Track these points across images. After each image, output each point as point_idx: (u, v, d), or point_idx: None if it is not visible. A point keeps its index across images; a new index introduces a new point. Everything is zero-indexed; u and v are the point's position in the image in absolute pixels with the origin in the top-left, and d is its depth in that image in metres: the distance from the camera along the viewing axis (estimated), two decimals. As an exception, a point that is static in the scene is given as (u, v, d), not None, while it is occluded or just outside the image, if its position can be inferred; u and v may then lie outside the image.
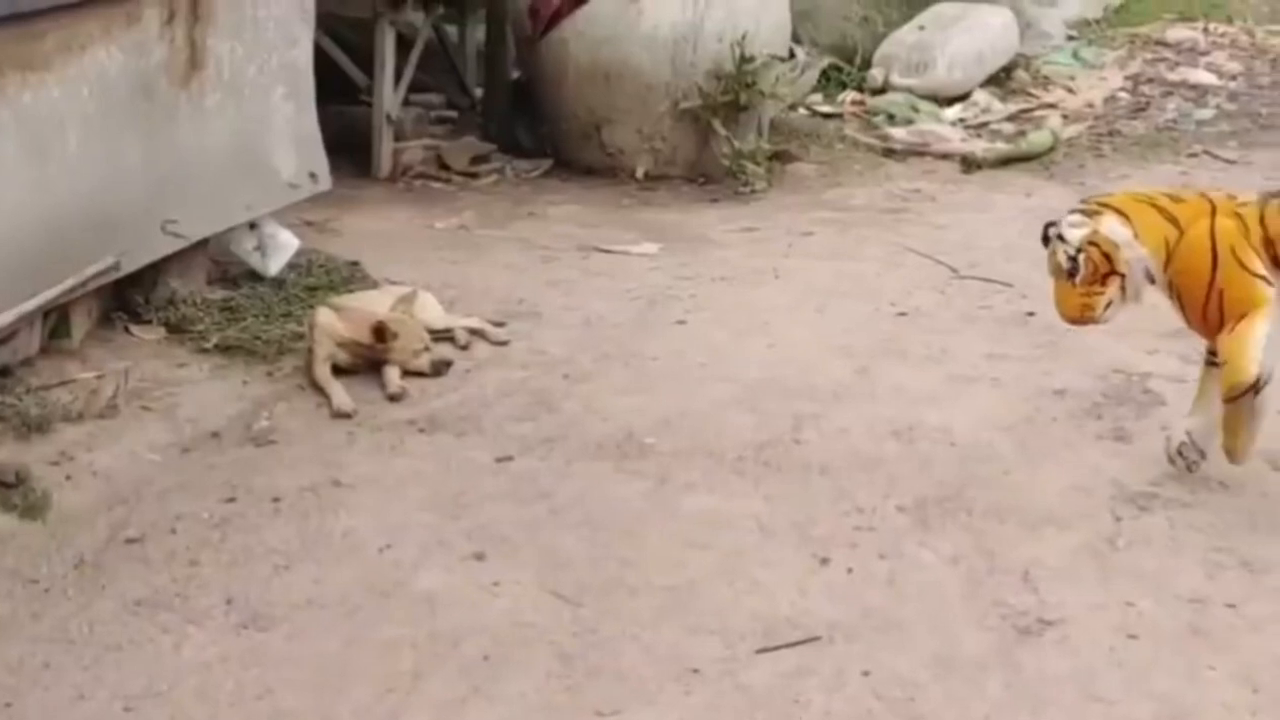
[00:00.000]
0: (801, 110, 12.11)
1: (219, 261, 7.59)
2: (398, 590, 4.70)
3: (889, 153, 11.20)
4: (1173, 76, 13.34)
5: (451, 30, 11.69)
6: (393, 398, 6.28)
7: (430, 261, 8.22)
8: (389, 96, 10.25)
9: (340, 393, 6.22)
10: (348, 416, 6.09)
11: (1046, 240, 5.57)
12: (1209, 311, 5.50)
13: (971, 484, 5.51)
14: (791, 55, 11.42)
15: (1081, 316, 5.63)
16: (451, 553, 4.96)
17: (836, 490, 5.45)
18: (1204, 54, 13.96)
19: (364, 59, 10.42)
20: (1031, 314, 7.32)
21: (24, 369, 6.11)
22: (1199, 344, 6.47)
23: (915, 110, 12.33)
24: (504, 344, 6.95)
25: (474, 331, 7.00)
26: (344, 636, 4.42)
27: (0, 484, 5.23)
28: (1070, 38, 14.24)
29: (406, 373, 6.46)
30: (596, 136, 10.43)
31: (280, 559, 4.88)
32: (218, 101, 7.06)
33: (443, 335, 6.89)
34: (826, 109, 12.44)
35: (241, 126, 7.30)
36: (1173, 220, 5.55)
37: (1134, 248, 5.48)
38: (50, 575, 4.73)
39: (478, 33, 11.74)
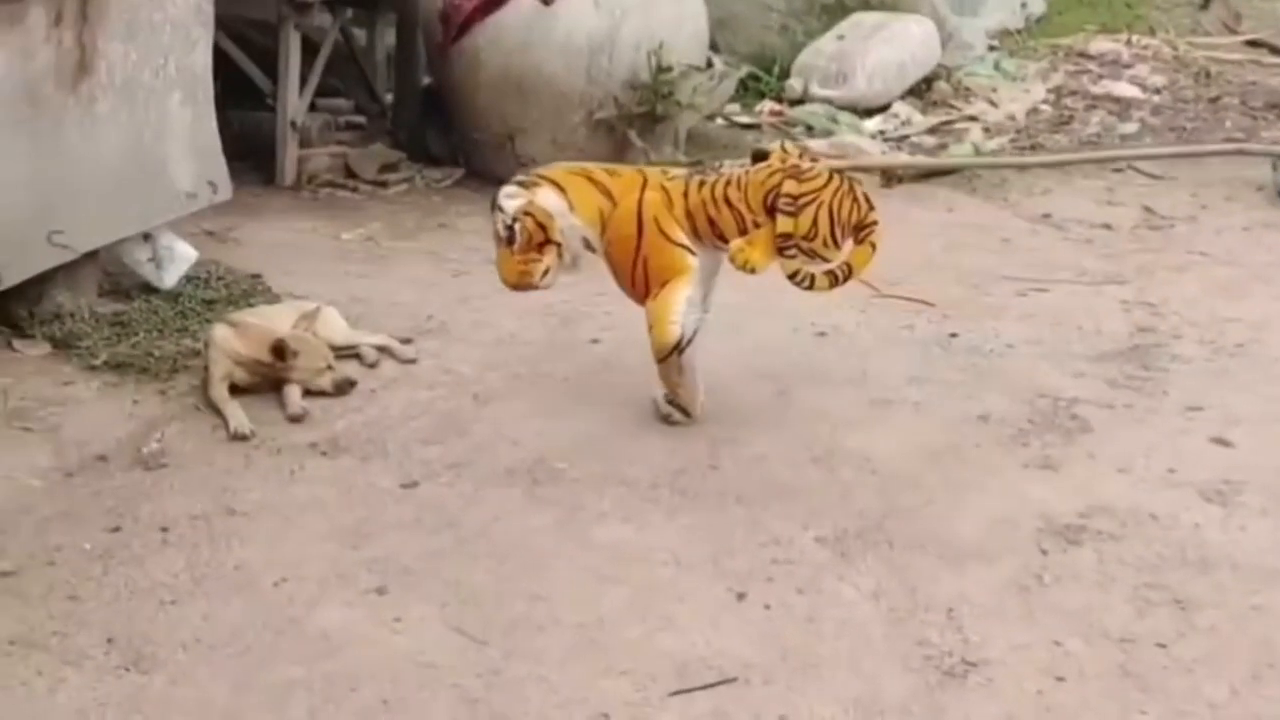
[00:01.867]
0: (719, 120, 11.94)
1: (111, 273, 7.29)
2: (292, 628, 4.42)
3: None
4: (1096, 89, 13.29)
5: (360, 34, 11.44)
6: (293, 419, 6.01)
7: (336, 274, 7.96)
8: (294, 102, 9.97)
9: (238, 414, 5.93)
10: (245, 439, 5.80)
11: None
12: (636, 278, 6.00)
13: (893, 514, 5.30)
14: (709, 65, 11.24)
15: (520, 282, 6.02)
16: (351, 586, 4.68)
17: (753, 520, 5.22)
18: (1127, 67, 13.95)
19: (268, 62, 10.12)
20: (955, 335, 7.20)
21: (-106, 385, 5.80)
22: (1127, 368, 6.38)
23: (835, 122, 12.20)
24: (412, 362, 6.70)
25: (380, 349, 6.74)
26: (233, 679, 4.13)
27: None
28: (992, 48, 14.18)
29: (308, 392, 6.19)
30: (510, 146, 10.19)
31: (167, 594, 4.58)
32: (109, 107, 6.77)
33: (348, 353, 6.63)
34: (744, 119, 12.30)
35: (135, 133, 7.00)
36: (607, 193, 6.04)
37: (567, 218, 5.94)
38: (-85, 611, 4.42)
39: (387, 36, 11.48)
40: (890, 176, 10.54)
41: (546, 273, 5.97)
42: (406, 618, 4.49)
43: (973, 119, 12.42)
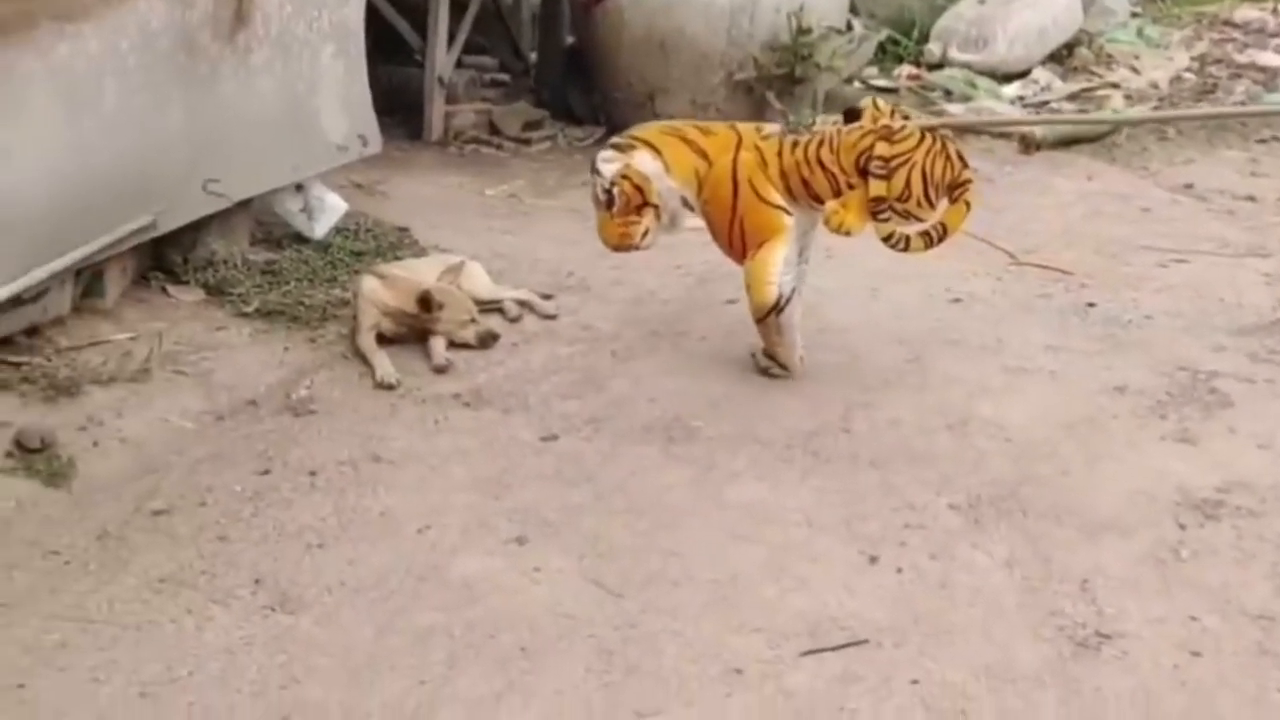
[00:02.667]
0: (857, 84, 11.88)
1: (263, 222, 7.44)
2: (434, 574, 4.51)
3: (960, 132, 10.89)
4: (1241, 58, 13.06)
5: (507, -8, 11.51)
6: (438, 370, 6.12)
7: (479, 230, 8.06)
8: (442, 59, 10.08)
9: (384, 363, 6.05)
10: (391, 388, 5.92)
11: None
12: (734, 237, 6.08)
13: (1028, 483, 5.28)
14: (849, 27, 11.17)
15: (621, 244, 6.12)
16: (492, 536, 4.77)
17: (886, 484, 5.24)
18: (1273, 35, 13.70)
19: (418, 19, 10.23)
20: (1092, 305, 7.14)
21: (54, 329, 5.97)
22: (1269, 342, 6.30)
23: (973, 86, 12.10)
24: (552, 318, 6.79)
25: (522, 303, 6.84)
26: (377, 623, 4.23)
27: (24, 449, 5.07)
28: (1135, 15, 13.98)
29: (452, 344, 6.31)
30: (650, 106, 10.22)
31: (314, 537, 4.70)
32: (264, 59, 6.88)
33: (491, 306, 6.72)
34: (882, 83, 12.22)
35: (289, 85, 7.12)
36: (702, 153, 6.10)
37: (664, 179, 6.01)
38: (71, 547, 4.55)
39: (534, -4, 11.56)
40: (1029, 143, 10.43)
41: (646, 234, 6.06)
42: (545, 568, 4.57)
43: (1114, 86, 12.25)
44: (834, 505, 5.06)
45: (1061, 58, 12.77)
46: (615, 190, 5.98)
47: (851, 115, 6.19)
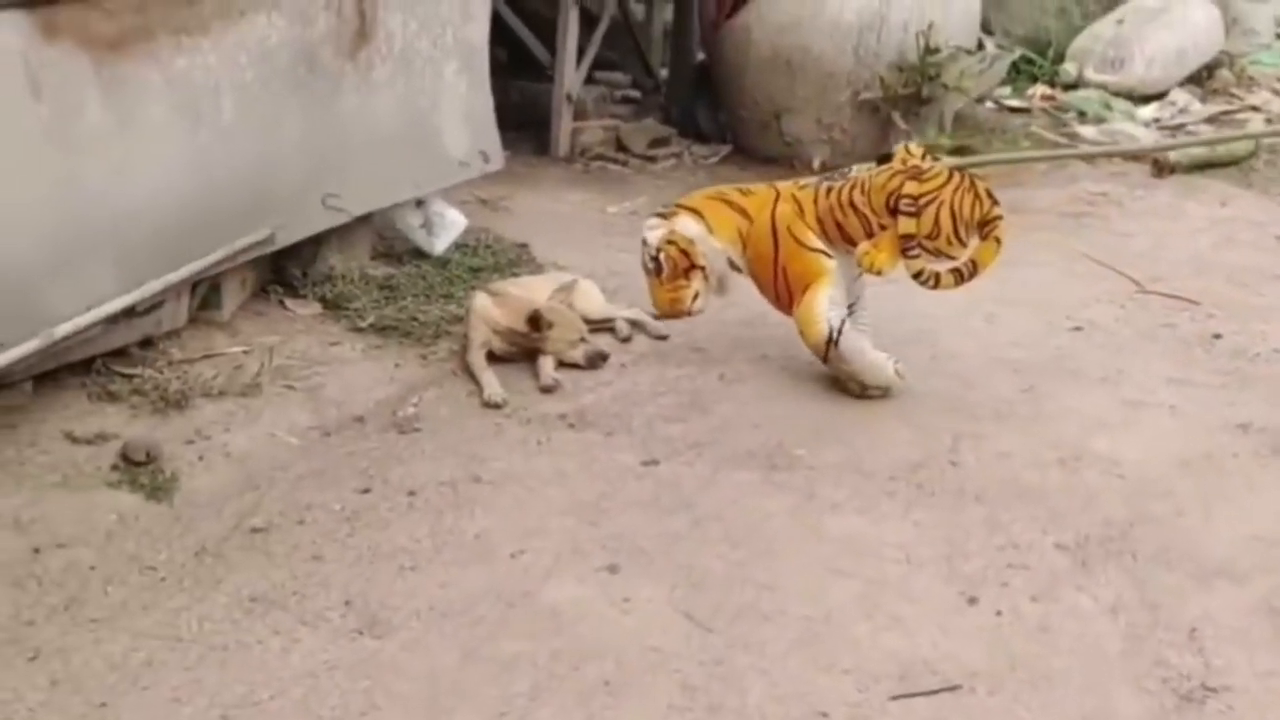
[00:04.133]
0: (988, 104, 11.75)
1: (383, 237, 7.49)
2: (524, 601, 4.47)
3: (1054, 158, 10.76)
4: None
5: (638, 8, 11.51)
6: (545, 390, 6.10)
7: (599, 247, 8.05)
8: (570, 74, 10.11)
9: (492, 382, 6.05)
10: (498, 407, 5.91)
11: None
12: (779, 289, 6.19)
13: (1140, 524, 5.13)
14: (980, 47, 11.06)
15: (673, 310, 6.27)
16: (585, 563, 4.72)
17: (991, 521, 5.11)
18: None
19: (549, 35, 10.26)
20: (1219, 336, 6.96)
21: (169, 341, 6.03)
22: None
23: (1108, 108, 11.95)
24: (663, 338, 6.76)
25: (634, 323, 6.82)
26: (462, 649, 4.20)
27: (130, 462, 5.12)
28: (1279, 37, 13.65)
29: (561, 364, 6.29)
30: (775, 125, 10.20)
31: (407, 559, 4.68)
32: (387, 75, 6.93)
33: (602, 325, 6.71)
34: (1014, 103, 12.10)
35: (411, 101, 7.16)
36: (743, 212, 6.25)
37: (708, 241, 6.17)
38: (169, 563, 4.57)
39: (665, 12, 11.55)
40: (1162, 166, 10.24)
41: (696, 297, 6.22)
42: (635, 598, 4.51)
43: (1254, 109, 12.01)
44: (935, 541, 4.95)
45: (1201, 79, 12.55)
46: (662, 256, 6.15)
47: (884, 159, 6.23)
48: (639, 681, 4.09)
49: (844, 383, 6.16)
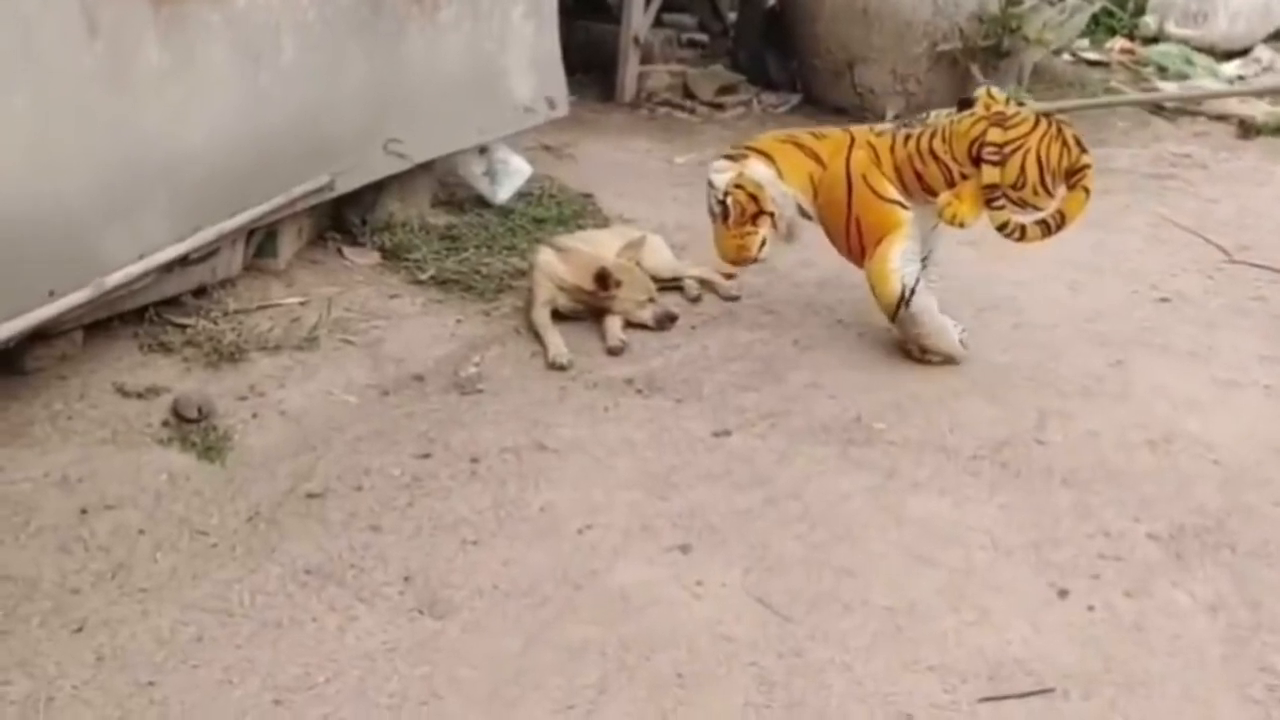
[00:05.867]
0: (1066, 56, 11.43)
1: (445, 184, 7.26)
2: (591, 582, 4.24)
3: (1157, 109, 10.44)
4: None
5: (709, -51, 11.24)
6: (611, 351, 5.88)
7: (665, 200, 7.82)
8: (639, 17, 9.85)
9: (557, 341, 5.83)
10: (563, 369, 5.70)
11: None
12: (851, 239, 5.91)
13: (1236, 514, 4.85)
14: (1060, -2, 10.74)
15: (740, 257, 6.02)
16: (655, 541, 4.48)
17: (1081, 506, 4.85)
18: None
19: (621, -27, 10.01)
20: (1313, 312, 6.65)
21: (223, 290, 5.84)
22: None
23: (1190, 64, 11.61)
24: (734, 299, 6.54)
25: (704, 282, 6.58)
26: (527, 633, 3.97)
27: (181, 419, 4.93)
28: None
29: (629, 324, 6.06)
30: (849, 75, 9.92)
31: (470, 532, 4.45)
32: (453, 17, 6.68)
33: (671, 284, 6.47)
34: (1092, 56, 11.78)
35: (477, 44, 6.92)
36: (816, 157, 5.98)
37: (778, 186, 5.90)
38: (221, 528, 4.36)
39: (737, -46, 11.28)
40: (1248, 127, 9.91)
41: (763, 244, 5.98)
42: (708, 581, 4.27)
43: (1342, 65, 11.66)
44: (1022, 527, 4.69)
45: (1287, 36, 12.19)
46: (729, 200, 5.89)
47: (965, 105, 5.94)
48: (713, 674, 3.85)
49: (904, 344, 5.94)
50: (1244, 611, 4.27)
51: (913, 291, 5.74)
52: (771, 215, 5.92)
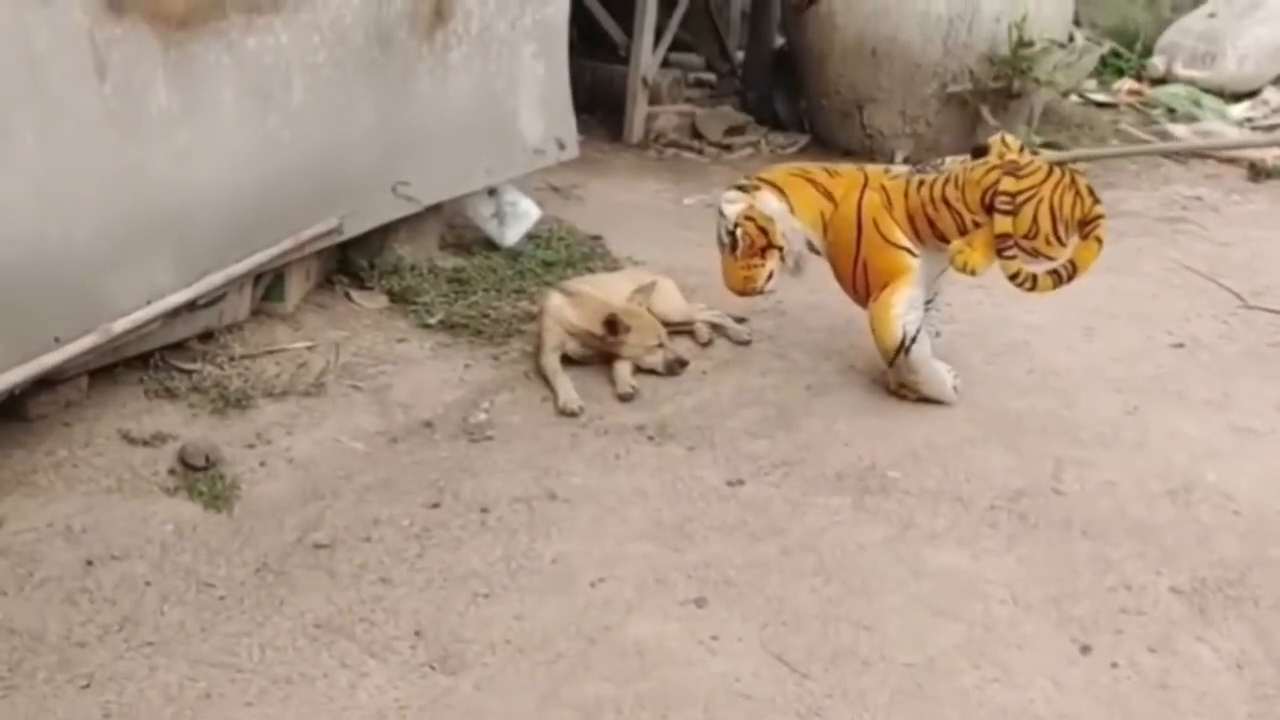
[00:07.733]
0: (1075, 98, 11.39)
1: (453, 226, 7.20)
2: (605, 637, 4.16)
3: (1167, 152, 10.40)
4: None
5: (717, -10, 11.22)
6: (622, 398, 5.81)
7: (675, 241, 7.75)
8: (647, 58, 9.80)
9: (567, 387, 5.76)
10: (573, 415, 5.62)
11: None
12: (857, 280, 5.88)
13: (1259, 566, 4.76)
14: (1070, 39, 10.69)
15: (745, 288, 6.00)
16: (669, 595, 4.41)
17: (1101, 559, 4.76)
18: None
19: (625, 14, 9.97)
20: (1332, 360, 6.57)
21: (230, 334, 5.77)
22: None
23: (1198, 105, 11.57)
24: (746, 343, 6.47)
25: (715, 326, 6.52)
26: (541, 690, 3.89)
27: (188, 467, 4.85)
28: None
29: (639, 370, 5.99)
30: (858, 116, 9.88)
31: (481, 585, 4.38)
32: (463, 57, 6.63)
33: (681, 328, 6.39)
34: (1101, 97, 11.74)
35: (486, 85, 6.86)
36: (828, 194, 5.94)
37: (788, 221, 5.88)
38: (228, 580, 4.29)
39: (745, -6, 11.27)
40: (1258, 170, 9.87)
41: (770, 278, 5.94)
42: (724, 636, 4.20)
43: (1353, 109, 11.62)
44: (1042, 580, 4.61)
45: (1297, 78, 12.14)
46: (739, 232, 5.86)
47: (979, 153, 5.85)
48: (730, 734, 3.78)
49: (886, 380, 5.92)
50: (1269, 669, 4.19)
51: (913, 340, 5.69)
52: (780, 249, 5.88)
